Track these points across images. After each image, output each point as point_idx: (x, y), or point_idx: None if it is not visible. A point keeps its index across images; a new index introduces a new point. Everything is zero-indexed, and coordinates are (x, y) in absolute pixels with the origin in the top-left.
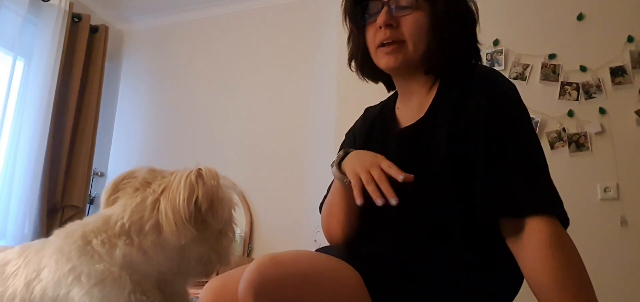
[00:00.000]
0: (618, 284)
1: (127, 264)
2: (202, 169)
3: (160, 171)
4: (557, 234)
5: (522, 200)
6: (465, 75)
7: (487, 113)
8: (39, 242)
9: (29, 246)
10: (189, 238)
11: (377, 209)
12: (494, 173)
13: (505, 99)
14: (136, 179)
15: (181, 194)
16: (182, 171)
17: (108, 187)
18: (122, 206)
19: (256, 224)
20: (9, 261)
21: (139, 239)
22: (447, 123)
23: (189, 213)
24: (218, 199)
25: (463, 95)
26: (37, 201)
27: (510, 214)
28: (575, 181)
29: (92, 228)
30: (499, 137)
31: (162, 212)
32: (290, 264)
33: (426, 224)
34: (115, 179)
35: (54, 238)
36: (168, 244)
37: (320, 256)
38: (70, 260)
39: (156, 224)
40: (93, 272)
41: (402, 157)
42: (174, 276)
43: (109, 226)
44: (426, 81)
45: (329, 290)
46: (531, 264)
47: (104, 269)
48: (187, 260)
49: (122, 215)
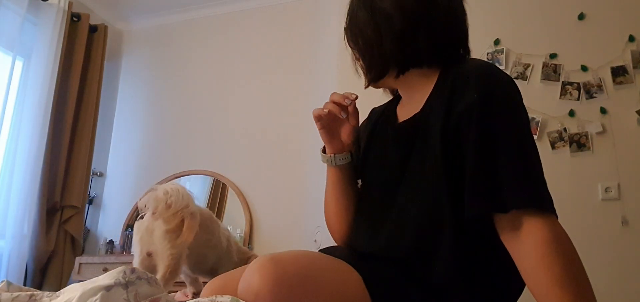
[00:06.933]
0: (619, 284)
1: None
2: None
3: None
4: (556, 232)
5: (508, 195)
6: (459, 69)
7: (479, 108)
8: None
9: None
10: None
11: (376, 206)
12: (481, 168)
13: (497, 94)
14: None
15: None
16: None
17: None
18: None
19: (256, 224)
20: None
21: None
22: (441, 118)
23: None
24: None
25: (457, 89)
26: (36, 201)
27: (495, 209)
28: (576, 181)
29: None
30: (489, 131)
31: None
32: (290, 264)
33: (424, 221)
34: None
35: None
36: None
37: (320, 256)
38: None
39: None
40: None
41: (398, 152)
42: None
43: None
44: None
45: (328, 290)
46: (529, 263)
47: None
48: None
49: None
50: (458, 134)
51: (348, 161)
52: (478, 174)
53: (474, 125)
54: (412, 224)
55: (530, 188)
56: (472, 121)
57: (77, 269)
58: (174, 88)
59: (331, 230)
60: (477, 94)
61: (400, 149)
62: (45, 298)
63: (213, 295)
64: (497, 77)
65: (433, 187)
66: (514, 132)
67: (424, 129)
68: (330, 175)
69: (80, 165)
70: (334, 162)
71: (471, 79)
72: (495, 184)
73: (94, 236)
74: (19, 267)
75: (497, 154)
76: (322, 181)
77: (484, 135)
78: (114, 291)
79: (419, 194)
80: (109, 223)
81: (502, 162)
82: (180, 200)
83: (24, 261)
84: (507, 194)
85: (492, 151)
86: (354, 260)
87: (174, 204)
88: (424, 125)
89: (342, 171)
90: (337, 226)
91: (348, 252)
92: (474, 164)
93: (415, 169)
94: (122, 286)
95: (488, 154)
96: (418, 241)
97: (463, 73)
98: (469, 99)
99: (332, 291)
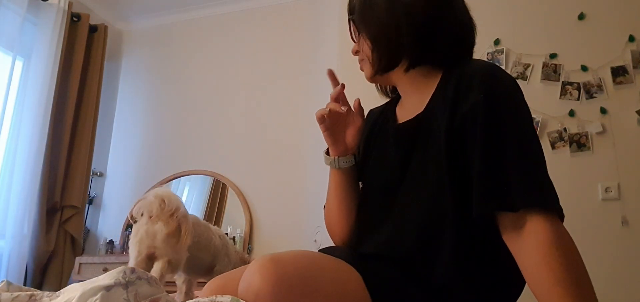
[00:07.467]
0: (619, 284)
1: None
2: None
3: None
4: (558, 232)
5: (516, 194)
6: (463, 70)
7: (484, 107)
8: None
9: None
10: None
11: (376, 207)
12: (489, 167)
13: (502, 93)
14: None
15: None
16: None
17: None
18: None
19: (256, 224)
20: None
21: None
22: (445, 118)
23: None
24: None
25: (461, 90)
26: (36, 201)
27: (504, 208)
28: (576, 181)
29: None
30: (495, 131)
31: None
32: (291, 264)
33: (425, 221)
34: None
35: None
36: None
37: (321, 256)
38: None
39: None
40: None
41: (399, 152)
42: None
43: None
44: (426, 76)
45: (329, 290)
46: (531, 262)
47: None
48: None
49: None
50: (463, 135)
51: (352, 164)
52: (485, 174)
53: (479, 125)
54: (414, 223)
55: (537, 187)
56: (478, 121)
57: (77, 269)
58: (174, 88)
59: (332, 232)
60: (482, 94)
61: (401, 149)
62: (45, 298)
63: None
64: (501, 78)
65: (435, 187)
66: (519, 131)
67: (427, 129)
68: (333, 177)
69: (80, 165)
70: (338, 164)
71: (475, 80)
72: (503, 184)
73: (94, 236)
74: (19, 267)
75: (504, 153)
76: (322, 181)
77: (490, 135)
78: (114, 291)
79: (421, 194)
80: (109, 223)
81: (509, 161)
82: (172, 201)
83: (24, 261)
84: (515, 193)
85: (498, 150)
86: (354, 260)
87: (167, 205)
88: (426, 125)
89: (345, 174)
90: (338, 229)
91: (348, 252)
92: (480, 164)
93: (416, 169)
94: (122, 286)
95: (495, 153)
96: (419, 240)
97: (467, 74)
98: (473, 99)
99: (332, 290)
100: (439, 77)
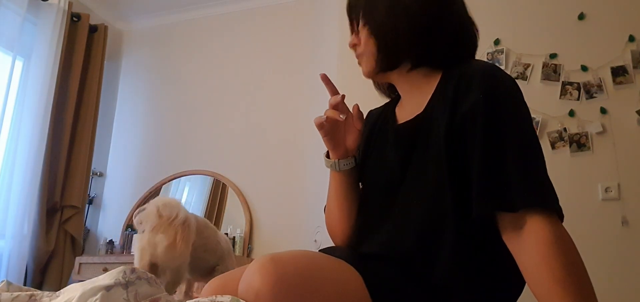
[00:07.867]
0: (619, 284)
1: None
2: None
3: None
4: (557, 232)
5: (516, 194)
6: (463, 70)
7: (484, 107)
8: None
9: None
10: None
11: (376, 207)
12: (488, 167)
13: (502, 93)
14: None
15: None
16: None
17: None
18: None
19: (256, 224)
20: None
21: None
22: (445, 118)
23: None
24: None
25: (461, 90)
26: (36, 201)
27: (504, 208)
28: (576, 181)
29: None
30: (495, 131)
31: None
32: (291, 264)
33: (425, 221)
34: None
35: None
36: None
37: (321, 256)
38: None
39: None
40: None
41: (399, 153)
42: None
43: None
44: (426, 76)
45: (329, 290)
46: (531, 262)
47: None
48: None
49: None
50: (463, 134)
51: (352, 166)
52: (485, 174)
53: (479, 125)
54: (414, 223)
55: (536, 187)
56: (477, 121)
57: (77, 269)
58: (174, 88)
59: (332, 234)
60: (481, 94)
61: (401, 149)
62: (45, 298)
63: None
64: (501, 78)
65: (436, 187)
66: (519, 131)
67: (427, 129)
68: (334, 180)
69: (80, 165)
70: (338, 167)
71: (475, 80)
72: (502, 184)
73: (94, 236)
74: (19, 267)
75: (503, 153)
76: (322, 181)
77: (490, 135)
78: (114, 290)
79: (421, 194)
80: (109, 223)
81: (509, 161)
82: (170, 211)
83: (24, 261)
84: (514, 193)
85: (498, 150)
86: (354, 260)
87: (165, 216)
88: (426, 125)
89: (345, 176)
90: (338, 230)
91: (348, 252)
92: (480, 164)
93: (416, 169)
94: (122, 286)
95: (495, 153)
96: (419, 240)
97: (467, 74)
98: (473, 99)
99: (332, 290)
100: (439, 77)
